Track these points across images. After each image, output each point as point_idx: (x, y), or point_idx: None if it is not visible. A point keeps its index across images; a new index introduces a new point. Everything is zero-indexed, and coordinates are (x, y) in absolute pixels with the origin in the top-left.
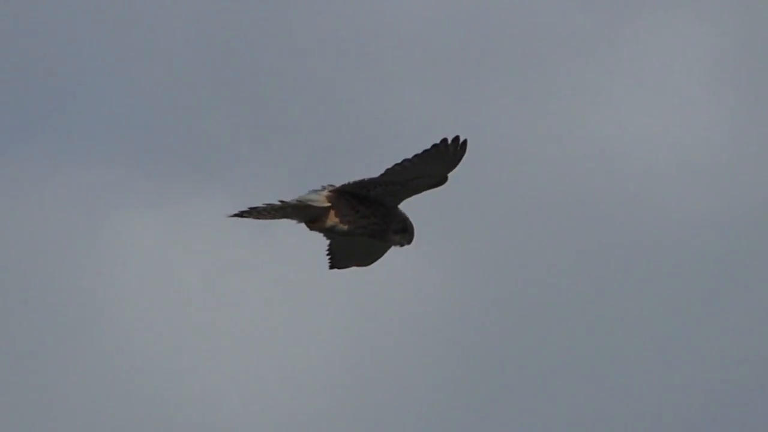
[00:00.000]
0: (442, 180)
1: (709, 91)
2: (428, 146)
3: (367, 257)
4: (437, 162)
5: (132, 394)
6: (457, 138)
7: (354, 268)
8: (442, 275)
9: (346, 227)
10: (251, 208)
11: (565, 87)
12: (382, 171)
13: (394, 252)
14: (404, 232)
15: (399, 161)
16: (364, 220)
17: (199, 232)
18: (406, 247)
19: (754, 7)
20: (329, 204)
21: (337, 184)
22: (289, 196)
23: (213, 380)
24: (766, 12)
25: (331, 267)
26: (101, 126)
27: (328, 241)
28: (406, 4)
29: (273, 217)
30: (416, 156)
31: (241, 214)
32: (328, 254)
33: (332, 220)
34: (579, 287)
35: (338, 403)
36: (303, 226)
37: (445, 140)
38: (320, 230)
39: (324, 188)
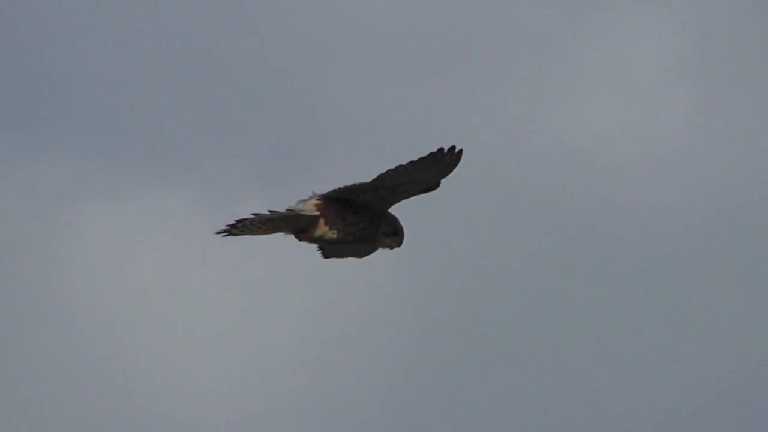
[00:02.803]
0: (434, 185)
1: (670, 86)
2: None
3: (359, 254)
4: (430, 169)
5: (94, 385)
6: (453, 147)
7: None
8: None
9: (334, 236)
10: (238, 221)
11: (526, 82)
12: (374, 176)
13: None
14: (395, 235)
15: (393, 167)
16: (352, 227)
17: (162, 225)
18: (395, 249)
19: (714, 3)
20: (318, 213)
21: (325, 191)
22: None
23: (175, 371)
24: (725, 7)
25: (326, 257)
26: (64, 118)
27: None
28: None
29: (260, 232)
30: (411, 163)
31: (228, 231)
32: (318, 249)
33: (321, 229)
34: (542, 280)
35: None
36: (291, 237)
37: (441, 149)
38: (309, 240)
39: (311, 196)
